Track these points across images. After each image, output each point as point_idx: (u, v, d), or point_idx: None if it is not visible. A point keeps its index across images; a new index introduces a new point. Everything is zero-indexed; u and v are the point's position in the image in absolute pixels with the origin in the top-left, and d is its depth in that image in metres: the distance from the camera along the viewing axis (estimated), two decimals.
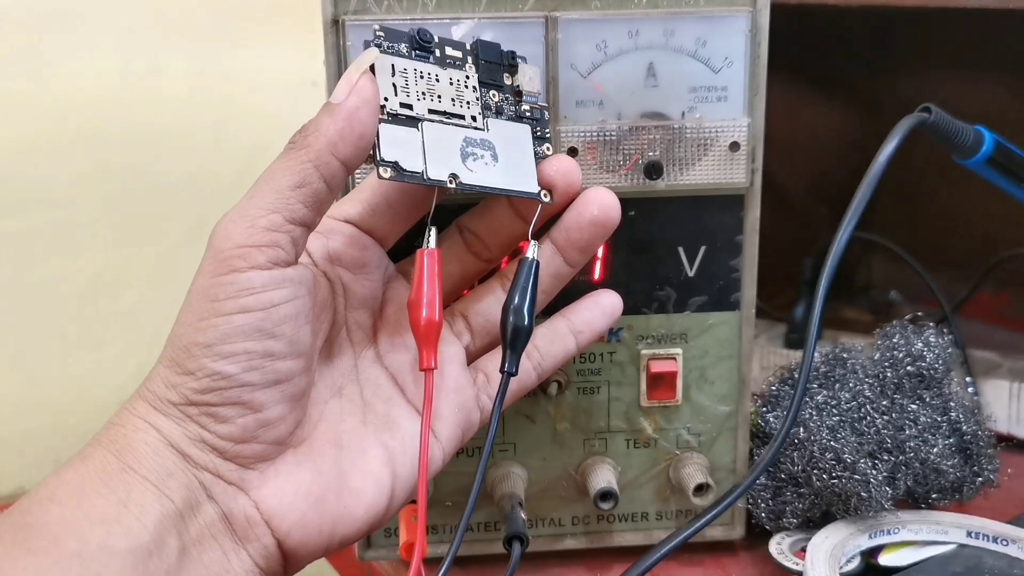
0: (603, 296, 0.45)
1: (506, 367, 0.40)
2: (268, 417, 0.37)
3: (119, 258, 0.85)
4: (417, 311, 0.39)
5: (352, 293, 0.43)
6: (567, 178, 0.42)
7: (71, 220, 0.83)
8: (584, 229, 0.42)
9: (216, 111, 0.86)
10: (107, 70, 0.82)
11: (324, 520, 0.39)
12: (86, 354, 0.85)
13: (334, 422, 0.41)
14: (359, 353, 0.43)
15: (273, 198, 0.37)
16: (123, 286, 0.86)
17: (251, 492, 0.38)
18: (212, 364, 0.36)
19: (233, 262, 0.36)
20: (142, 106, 0.84)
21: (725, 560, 0.53)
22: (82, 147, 0.83)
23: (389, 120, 0.38)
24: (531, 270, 0.41)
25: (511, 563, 0.47)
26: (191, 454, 0.37)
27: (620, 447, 0.51)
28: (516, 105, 0.42)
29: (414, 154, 0.38)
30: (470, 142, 0.40)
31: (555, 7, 0.45)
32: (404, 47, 0.39)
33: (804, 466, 0.51)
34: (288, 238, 0.37)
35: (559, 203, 0.42)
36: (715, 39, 0.46)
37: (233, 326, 0.36)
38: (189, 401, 0.36)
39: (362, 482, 0.40)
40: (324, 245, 0.42)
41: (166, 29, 0.84)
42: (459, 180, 0.39)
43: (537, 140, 0.42)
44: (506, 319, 0.40)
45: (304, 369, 0.39)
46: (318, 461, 0.39)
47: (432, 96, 0.39)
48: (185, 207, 0.85)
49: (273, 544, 0.38)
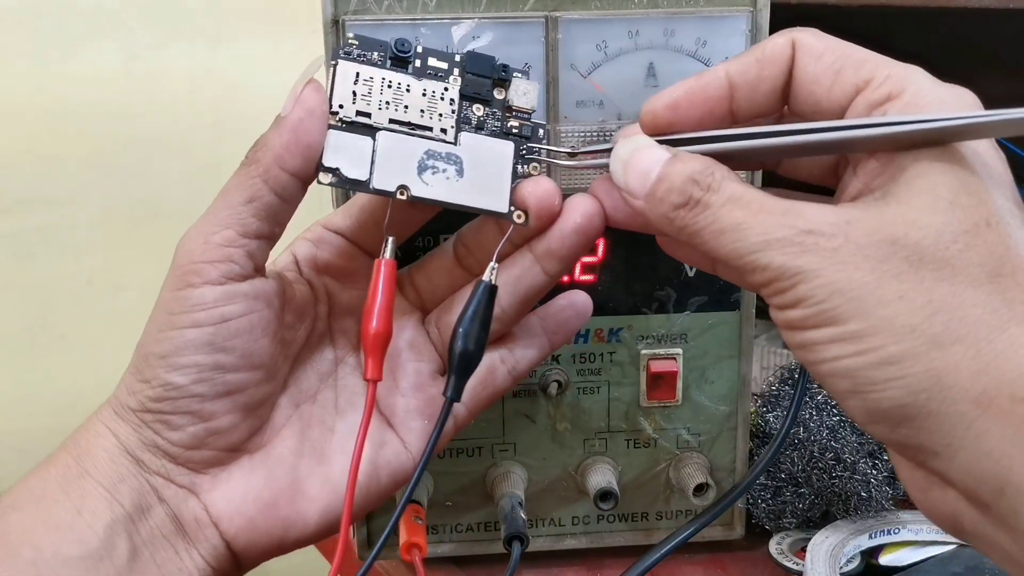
0: (575, 296, 0.44)
1: (448, 393, 0.39)
2: (218, 426, 0.39)
3: (119, 258, 0.85)
4: (367, 321, 0.39)
5: (337, 301, 0.43)
6: (541, 201, 0.39)
7: (71, 220, 0.83)
8: (566, 238, 0.40)
9: (216, 111, 0.86)
10: (107, 70, 0.82)
11: (274, 524, 0.40)
12: (86, 354, 0.85)
13: (300, 428, 0.41)
14: (341, 359, 0.43)
15: (226, 214, 0.38)
16: (123, 286, 0.86)
17: (201, 495, 0.39)
18: (164, 375, 0.38)
19: (188, 277, 0.38)
20: (142, 106, 0.84)
21: (725, 560, 0.53)
22: (82, 147, 0.83)
23: (341, 127, 0.38)
24: (485, 294, 0.39)
25: (511, 563, 0.47)
26: (144, 459, 0.38)
27: (620, 447, 0.51)
28: (503, 121, 0.40)
29: (361, 162, 0.38)
30: (432, 155, 0.39)
31: (555, 7, 0.45)
32: (376, 55, 0.39)
33: (804, 466, 0.51)
34: (242, 252, 0.38)
35: (536, 227, 0.40)
36: (715, 39, 0.46)
37: (185, 339, 0.37)
38: (145, 408, 0.38)
39: (319, 490, 0.40)
40: (312, 254, 0.42)
41: (166, 29, 0.84)
42: (410, 192, 0.39)
43: (523, 159, 0.40)
44: (454, 343, 0.39)
45: (262, 379, 0.39)
46: (273, 468, 0.40)
47: (398, 106, 0.39)
48: (184, 207, 0.85)
49: (222, 545, 0.39)
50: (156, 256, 0.87)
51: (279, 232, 0.39)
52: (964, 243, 0.30)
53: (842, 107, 0.34)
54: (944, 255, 0.30)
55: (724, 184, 0.33)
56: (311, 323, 0.42)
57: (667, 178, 0.35)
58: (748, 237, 0.32)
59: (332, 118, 0.38)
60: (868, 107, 0.33)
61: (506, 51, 0.45)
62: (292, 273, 0.42)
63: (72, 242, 0.84)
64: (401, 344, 0.42)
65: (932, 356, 0.30)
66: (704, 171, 0.34)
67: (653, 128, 0.37)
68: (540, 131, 0.41)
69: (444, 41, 0.45)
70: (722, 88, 0.36)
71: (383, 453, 0.41)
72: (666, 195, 0.34)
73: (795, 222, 0.32)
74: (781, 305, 0.32)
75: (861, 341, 0.30)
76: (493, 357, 0.42)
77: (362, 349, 0.40)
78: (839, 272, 0.31)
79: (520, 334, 0.43)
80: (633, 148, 0.36)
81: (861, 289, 0.30)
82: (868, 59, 0.34)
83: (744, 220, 0.32)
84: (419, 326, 0.43)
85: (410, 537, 0.46)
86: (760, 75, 0.36)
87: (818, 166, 0.38)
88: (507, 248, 0.40)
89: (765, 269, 0.32)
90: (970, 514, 0.31)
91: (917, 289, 0.30)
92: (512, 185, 0.40)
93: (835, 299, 0.31)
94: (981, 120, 0.32)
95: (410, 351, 0.43)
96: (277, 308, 0.40)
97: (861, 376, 0.31)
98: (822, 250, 0.31)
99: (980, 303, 0.30)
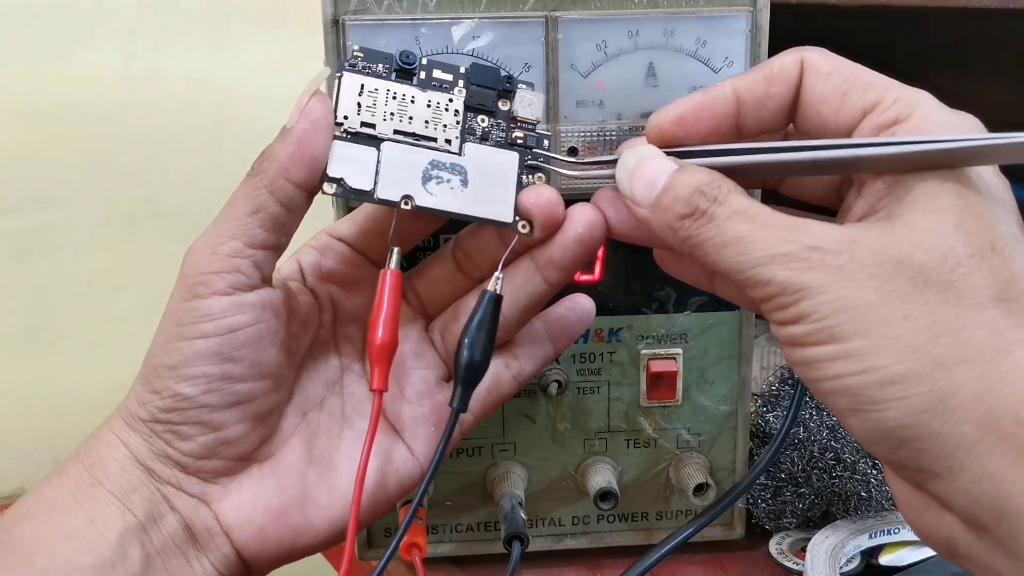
0: (578, 300, 0.44)
1: (455, 404, 0.39)
2: (228, 436, 0.39)
3: (119, 258, 0.85)
4: (373, 332, 0.39)
5: (342, 308, 0.43)
6: (543, 211, 0.39)
7: (71, 220, 0.83)
8: (568, 248, 0.40)
9: (216, 111, 0.86)
10: (107, 70, 0.82)
11: (284, 533, 0.40)
12: (86, 354, 0.85)
13: (308, 436, 0.41)
14: (347, 367, 0.43)
15: (232, 225, 0.38)
16: (123, 286, 0.86)
17: (212, 504, 0.39)
18: (174, 385, 0.38)
19: (196, 288, 0.38)
20: (142, 106, 0.84)
21: (725, 560, 0.53)
22: (82, 147, 0.83)
23: (345, 138, 0.39)
24: (490, 304, 0.39)
25: (511, 563, 0.47)
26: (155, 469, 0.39)
27: (620, 447, 0.51)
28: (508, 132, 0.40)
29: (365, 173, 0.39)
30: (437, 165, 0.39)
31: (555, 7, 0.45)
32: (381, 67, 0.39)
33: (804, 466, 0.51)
34: (249, 263, 0.38)
35: (540, 237, 0.40)
36: (715, 39, 0.46)
37: (194, 350, 0.37)
38: (155, 419, 0.38)
39: (328, 497, 0.40)
40: (317, 262, 0.43)
41: (166, 29, 0.84)
42: (414, 202, 0.39)
43: (528, 169, 0.40)
44: (460, 354, 0.39)
45: (270, 389, 0.40)
46: (283, 476, 0.40)
47: (402, 117, 0.39)
48: (185, 207, 0.85)
49: (233, 553, 0.39)
50: (156, 256, 0.87)
51: (285, 242, 0.39)
52: (969, 267, 0.30)
53: (848, 128, 0.34)
54: (949, 278, 0.30)
55: (730, 197, 0.33)
56: (316, 331, 0.42)
57: (673, 188, 0.35)
58: (752, 251, 0.32)
59: (337, 129, 0.38)
60: (875, 129, 0.33)
61: (506, 51, 0.45)
62: (297, 282, 0.42)
63: (72, 242, 0.84)
64: (406, 352, 0.42)
65: (936, 377, 0.30)
66: (711, 183, 0.34)
67: (659, 141, 0.37)
68: (544, 142, 0.41)
69: (444, 41, 0.45)
70: (729, 104, 0.36)
71: (390, 461, 0.41)
72: (672, 205, 0.34)
73: (800, 238, 0.32)
74: (783, 321, 0.32)
75: (864, 359, 0.30)
76: (497, 364, 0.42)
77: (368, 359, 0.39)
78: (843, 289, 0.31)
79: (524, 340, 0.43)
80: (640, 157, 0.36)
81: (865, 307, 0.30)
82: (876, 82, 0.34)
83: (749, 234, 0.32)
84: (423, 333, 0.43)
85: (410, 537, 0.46)
86: (768, 92, 0.36)
87: (821, 186, 0.38)
88: (509, 256, 0.40)
89: (768, 284, 0.32)
90: (966, 538, 0.31)
91: (921, 310, 0.30)
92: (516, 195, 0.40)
93: (838, 316, 0.31)
94: (989, 143, 0.32)
95: (415, 359, 0.43)
96: (284, 318, 0.40)
97: (863, 395, 0.31)
98: (827, 267, 0.31)
99: (985, 326, 0.30)
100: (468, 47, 0.45)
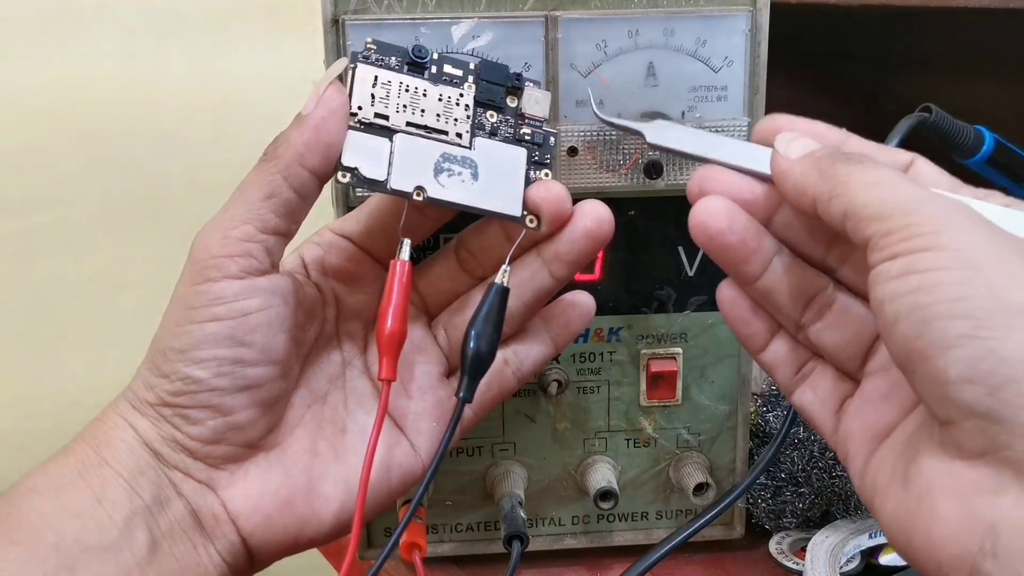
0: (579, 297, 0.44)
1: (461, 393, 0.40)
2: (237, 421, 0.39)
3: (119, 258, 0.86)
4: (382, 321, 0.39)
5: (345, 304, 0.43)
6: (551, 205, 0.40)
7: (71, 220, 0.83)
8: (576, 242, 0.41)
9: (216, 111, 0.86)
10: (107, 70, 0.82)
11: (290, 522, 0.40)
12: (86, 354, 0.85)
13: (313, 428, 0.41)
14: (348, 362, 0.43)
15: (245, 209, 0.38)
16: (123, 286, 0.86)
17: (219, 491, 0.39)
18: (184, 369, 0.38)
19: (207, 272, 0.38)
20: (142, 106, 0.84)
21: (725, 560, 0.53)
22: (82, 147, 0.83)
23: (359, 128, 0.39)
24: (497, 296, 0.40)
25: (511, 563, 0.47)
26: (163, 453, 0.38)
27: (620, 447, 0.51)
28: (516, 128, 0.41)
29: (378, 163, 0.39)
30: (448, 158, 0.40)
31: (555, 7, 0.45)
32: (394, 60, 0.40)
33: (804, 466, 0.51)
34: (261, 248, 0.38)
35: (547, 231, 0.41)
36: (715, 39, 0.46)
37: (205, 333, 0.37)
38: (164, 402, 0.38)
39: (333, 489, 0.40)
40: (320, 257, 0.43)
41: (166, 29, 0.84)
42: (426, 194, 0.39)
43: (535, 165, 0.41)
44: (467, 344, 0.40)
45: (278, 375, 0.40)
46: (289, 466, 0.40)
47: (415, 110, 0.39)
48: (185, 207, 0.85)
49: (238, 541, 0.39)
50: (156, 256, 0.87)
51: (295, 229, 0.40)
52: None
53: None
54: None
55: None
56: (320, 325, 0.43)
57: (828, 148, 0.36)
58: (902, 189, 0.32)
59: (351, 119, 0.39)
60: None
61: (506, 50, 0.45)
62: (300, 276, 0.42)
63: (72, 242, 0.84)
64: (409, 347, 0.42)
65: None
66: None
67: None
68: (551, 139, 0.41)
69: (444, 41, 0.45)
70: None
71: (394, 454, 0.41)
72: (828, 152, 0.35)
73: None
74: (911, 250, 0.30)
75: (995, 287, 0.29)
76: (498, 359, 0.42)
77: (377, 349, 0.40)
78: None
79: (525, 336, 0.44)
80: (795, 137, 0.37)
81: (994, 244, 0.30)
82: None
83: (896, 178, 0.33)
84: (426, 329, 0.44)
85: (410, 537, 0.46)
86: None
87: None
88: (516, 251, 0.41)
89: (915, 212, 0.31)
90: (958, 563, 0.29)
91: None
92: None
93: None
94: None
95: (418, 354, 0.43)
96: (292, 305, 0.40)
97: (990, 320, 0.28)
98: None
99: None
100: (468, 47, 0.45)
